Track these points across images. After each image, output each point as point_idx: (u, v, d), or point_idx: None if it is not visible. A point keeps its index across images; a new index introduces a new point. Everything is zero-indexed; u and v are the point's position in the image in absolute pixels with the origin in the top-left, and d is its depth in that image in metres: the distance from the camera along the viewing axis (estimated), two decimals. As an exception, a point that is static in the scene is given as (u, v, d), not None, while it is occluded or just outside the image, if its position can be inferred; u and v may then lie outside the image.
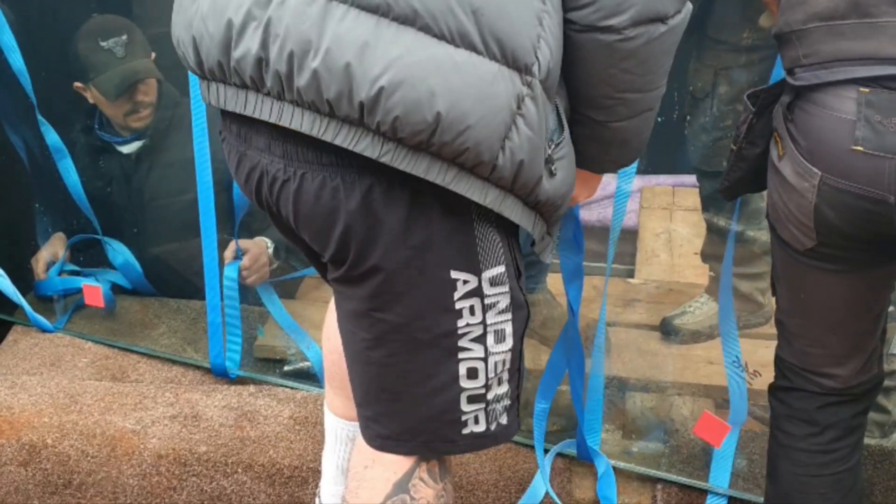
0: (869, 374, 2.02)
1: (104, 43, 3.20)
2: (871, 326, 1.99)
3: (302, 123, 1.43)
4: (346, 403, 2.02)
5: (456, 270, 1.52)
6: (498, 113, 1.39)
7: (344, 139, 1.41)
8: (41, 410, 2.68)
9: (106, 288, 3.30)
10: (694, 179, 3.27)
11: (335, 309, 1.70)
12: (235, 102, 1.51)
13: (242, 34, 1.43)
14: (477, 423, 1.64)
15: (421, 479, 1.69)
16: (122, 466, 2.55)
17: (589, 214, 3.76)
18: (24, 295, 3.26)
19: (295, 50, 1.38)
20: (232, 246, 3.02)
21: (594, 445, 2.47)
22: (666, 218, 3.96)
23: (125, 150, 3.38)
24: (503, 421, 1.67)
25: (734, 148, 1.98)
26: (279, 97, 1.44)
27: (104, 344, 3.16)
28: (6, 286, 3.21)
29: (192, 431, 2.62)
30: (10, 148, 3.29)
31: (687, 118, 3.00)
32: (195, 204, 2.77)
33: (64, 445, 2.58)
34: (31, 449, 2.58)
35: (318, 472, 2.40)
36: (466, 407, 1.62)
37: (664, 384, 2.95)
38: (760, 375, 2.51)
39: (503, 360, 1.62)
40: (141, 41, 3.25)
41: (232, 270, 2.99)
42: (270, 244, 3.24)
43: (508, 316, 1.60)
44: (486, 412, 1.64)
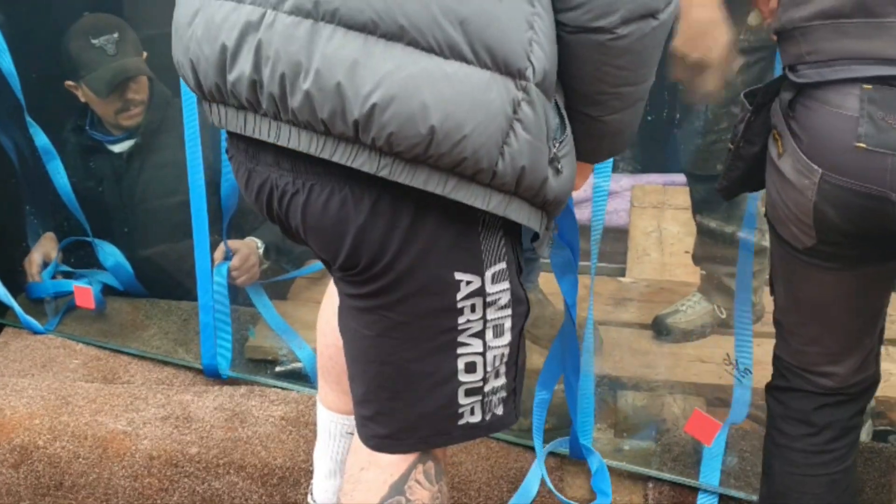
0: (865, 373, 2.02)
1: (95, 41, 3.20)
2: (868, 325, 1.98)
3: (300, 143, 1.44)
4: (340, 398, 2.02)
5: (460, 272, 1.53)
6: (493, 120, 1.40)
7: (342, 156, 1.42)
8: (32, 412, 2.67)
9: (96, 289, 3.29)
10: (684, 178, 3.26)
11: (338, 306, 1.71)
12: (236, 123, 1.53)
13: (236, 57, 1.44)
14: (473, 414, 1.65)
15: (417, 480, 1.70)
16: (113, 468, 2.55)
17: (580, 213, 3.73)
18: (14, 296, 3.26)
19: (286, 72, 1.39)
20: (222, 247, 3.02)
21: (586, 444, 2.47)
22: (657, 216, 3.96)
23: (116, 149, 3.38)
24: (498, 412, 1.68)
25: (732, 147, 1.97)
26: (276, 117, 1.46)
27: (95, 345, 3.16)
28: (-3, 288, 3.21)
29: (183, 432, 2.61)
30: (-1, 149, 3.29)
31: (676, 121, 3.00)
32: (186, 205, 2.77)
33: (55, 447, 2.58)
34: (22, 450, 2.58)
35: (309, 472, 2.40)
36: (464, 400, 1.63)
37: (655, 383, 2.95)
38: (751, 373, 2.52)
39: (501, 353, 1.63)
40: (132, 40, 3.25)
41: (221, 271, 2.99)
42: (261, 245, 3.24)
43: (508, 312, 1.61)
44: (482, 403, 1.65)
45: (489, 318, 1.58)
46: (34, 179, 3.31)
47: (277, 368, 3.06)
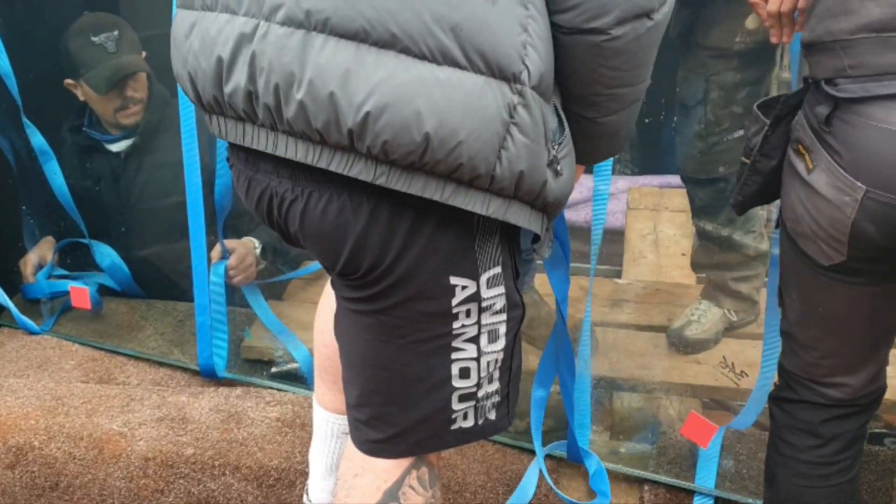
0: (876, 384, 2.00)
1: (96, 38, 3.20)
2: (886, 336, 1.96)
3: (296, 153, 1.45)
4: (337, 398, 2.02)
5: (455, 276, 1.53)
6: (489, 125, 1.39)
7: (338, 165, 1.42)
8: (28, 413, 2.67)
9: (93, 290, 3.29)
10: (680, 180, 3.23)
11: (335, 308, 1.71)
12: (235, 134, 1.53)
13: (232, 70, 1.45)
14: (466, 418, 1.65)
15: (411, 486, 1.70)
16: (109, 469, 2.55)
17: (576, 215, 3.75)
18: (11, 297, 3.26)
19: (280, 83, 1.40)
20: (218, 247, 3.02)
21: (584, 446, 2.47)
22: (653, 218, 3.96)
23: (114, 148, 3.38)
24: (491, 416, 1.67)
25: (747, 161, 1.93)
26: (272, 128, 1.46)
27: (91, 346, 3.16)
28: (-7, 288, 3.21)
29: (179, 433, 2.61)
30: (-4, 150, 3.29)
31: (673, 124, 2.98)
32: (183, 206, 2.76)
33: (51, 448, 2.58)
34: (17, 451, 2.57)
35: (305, 473, 2.40)
36: (457, 405, 1.63)
37: (652, 385, 2.95)
38: (747, 376, 2.51)
39: (495, 359, 1.63)
40: (131, 38, 3.25)
41: (218, 270, 2.99)
42: (258, 244, 3.24)
43: (503, 317, 1.61)
44: (475, 408, 1.65)
45: (484, 322, 1.58)
46: (31, 180, 3.32)
47: (273, 369, 3.06)
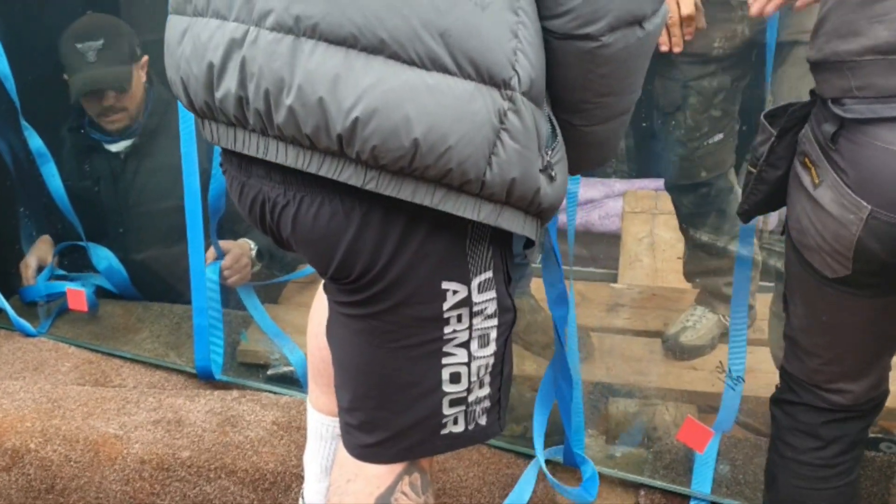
0: (879, 390, 2.00)
1: (79, 45, 3.19)
2: (890, 345, 1.97)
3: (287, 158, 1.45)
4: (331, 400, 2.01)
5: (447, 281, 1.53)
6: (479, 131, 1.39)
7: (328, 170, 1.43)
8: (24, 415, 2.67)
9: (90, 291, 3.29)
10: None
11: (327, 313, 1.71)
12: (227, 139, 1.54)
13: (222, 75, 1.46)
14: (456, 423, 1.65)
15: (403, 492, 1.70)
16: (104, 471, 2.55)
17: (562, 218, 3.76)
18: (7, 299, 3.25)
19: (270, 88, 1.40)
20: (213, 248, 3.02)
21: (579, 451, 2.47)
22: (649, 222, 3.97)
23: (113, 148, 3.39)
24: (482, 422, 1.67)
25: (753, 171, 1.94)
26: (263, 133, 1.47)
27: (87, 348, 3.16)
28: (-10, 290, 3.21)
29: (175, 436, 2.61)
30: (-6, 152, 3.29)
31: (654, 131, 2.99)
32: (179, 209, 2.76)
33: (47, 450, 2.58)
34: (13, 454, 2.57)
35: (301, 477, 2.40)
36: (448, 410, 1.63)
37: (648, 390, 2.96)
38: (743, 381, 2.52)
39: (486, 364, 1.62)
40: (122, 47, 3.24)
41: (213, 271, 2.98)
42: (253, 246, 3.24)
43: (494, 321, 1.60)
44: (465, 414, 1.64)
45: (475, 327, 1.58)
46: (28, 182, 3.32)
47: (269, 372, 3.06)
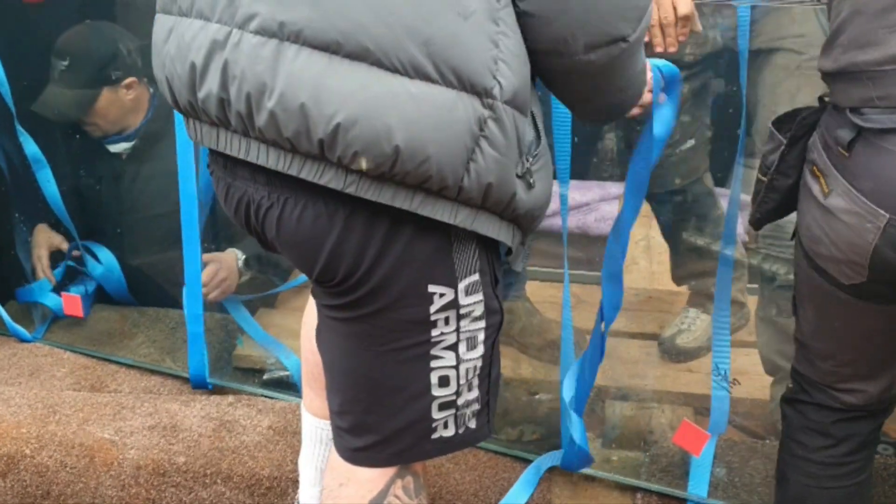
0: (892, 391, 2.00)
1: (53, 58, 3.20)
2: None
3: (268, 160, 1.46)
4: (325, 404, 2.01)
5: (433, 284, 1.53)
6: (459, 139, 1.40)
7: (308, 173, 1.43)
8: (20, 421, 2.67)
9: (91, 288, 3.31)
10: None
11: (316, 317, 1.71)
12: (210, 139, 1.55)
13: (204, 76, 1.46)
14: (446, 427, 1.64)
15: (396, 496, 1.70)
16: (100, 477, 2.54)
17: (568, 221, 3.75)
18: (3, 304, 3.25)
19: (251, 92, 1.41)
20: None
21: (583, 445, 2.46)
22: (645, 225, 3.95)
23: (113, 149, 3.40)
24: (472, 425, 1.67)
25: (764, 179, 1.94)
26: (245, 134, 1.47)
27: (83, 354, 3.16)
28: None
29: (170, 442, 2.61)
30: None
31: (620, 141, 2.99)
32: (175, 215, 2.76)
33: (42, 456, 2.57)
34: (9, 460, 2.57)
35: (297, 481, 2.39)
36: (437, 414, 1.62)
37: (644, 392, 2.96)
38: (739, 384, 2.52)
39: (474, 366, 1.63)
40: (86, 72, 3.23)
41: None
42: (241, 255, 3.23)
43: (482, 324, 1.61)
44: (455, 417, 1.64)
45: (462, 330, 1.58)
46: (23, 187, 3.31)
47: (265, 377, 3.06)
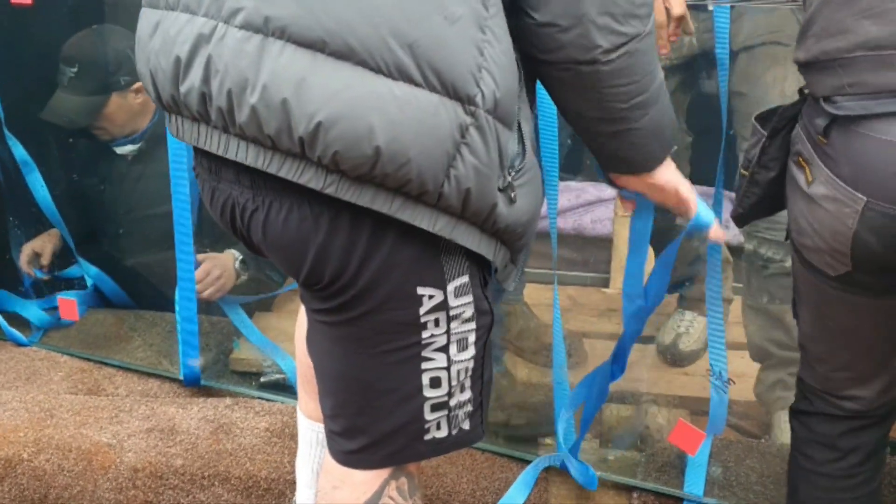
0: (891, 394, 1.99)
1: (61, 65, 3.20)
2: None
3: (247, 157, 1.44)
4: (319, 406, 2.02)
5: (422, 286, 1.52)
6: (440, 144, 1.39)
7: (288, 171, 1.42)
8: (17, 425, 2.67)
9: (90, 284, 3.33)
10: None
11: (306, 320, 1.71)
12: (191, 135, 1.53)
13: (188, 70, 1.45)
14: (439, 429, 1.64)
15: (390, 497, 1.70)
16: (98, 480, 2.54)
17: (564, 223, 3.76)
18: (-2, 309, 3.26)
19: (233, 87, 1.39)
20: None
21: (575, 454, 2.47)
22: (640, 227, 3.96)
23: (118, 150, 3.41)
24: (465, 426, 1.67)
25: (746, 174, 1.94)
26: (225, 130, 1.46)
27: (79, 357, 3.15)
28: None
29: (168, 444, 2.61)
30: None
31: None
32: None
33: (40, 460, 2.57)
34: (6, 464, 2.57)
35: (294, 483, 2.39)
36: (429, 415, 1.62)
37: (640, 393, 2.96)
38: (735, 383, 2.52)
39: (466, 367, 1.62)
40: (95, 79, 3.24)
41: None
42: (238, 256, 3.23)
43: (472, 325, 1.60)
44: (448, 418, 1.64)
45: (453, 331, 1.58)
46: (17, 191, 3.31)
47: (262, 379, 3.06)
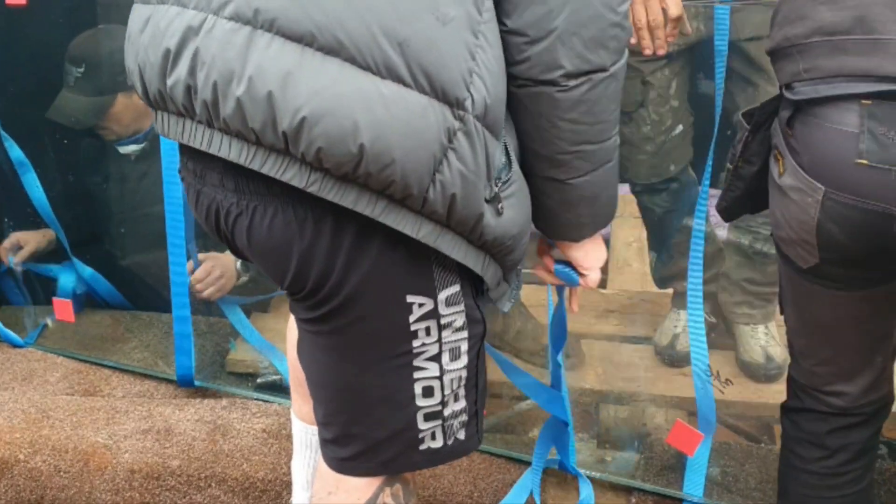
0: (878, 392, 1.99)
1: (67, 65, 3.20)
2: (880, 344, 1.95)
3: (230, 152, 1.42)
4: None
5: (412, 294, 1.51)
6: (427, 146, 1.37)
7: (271, 168, 1.40)
8: (13, 426, 2.66)
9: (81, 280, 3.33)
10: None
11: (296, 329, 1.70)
12: (175, 130, 1.51)
13: (176, 62, 1.43)
14: (434, 439, 1.63)
15: (385, 503, 1.69)
16: (94, 481, 2.54)
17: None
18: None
19: (218, 80, 1.37)
20: (191, 260, 3.01)
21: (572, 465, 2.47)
22: (638, 227, 3.96)
23: (122, 150, 3.42)
24: (461, 436, 1.66)
25: (730, 167, 1.94)
26: (209, 125, 1.43)
27: (76, 358, 3.15)
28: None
29: (164, 445, 2.60)
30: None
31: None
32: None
33: (36, 461, 2.57)
34: (2, 465, 2.56)
35: (291, 484, 2.39)
36: (423, 425, 1.60)
37: (638, 395, 2.96)
38: (732, 384, 2.52)
39: (459, 376, 1.60)
40: (101, 78, 3.24)
41: None
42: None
43: (464, 334, 1.58)
44: (443, 428, 1.63)
45: (445, 340, 1.56)
46: (13, 191, 3.30)
47: (259, 380, 3.05)
